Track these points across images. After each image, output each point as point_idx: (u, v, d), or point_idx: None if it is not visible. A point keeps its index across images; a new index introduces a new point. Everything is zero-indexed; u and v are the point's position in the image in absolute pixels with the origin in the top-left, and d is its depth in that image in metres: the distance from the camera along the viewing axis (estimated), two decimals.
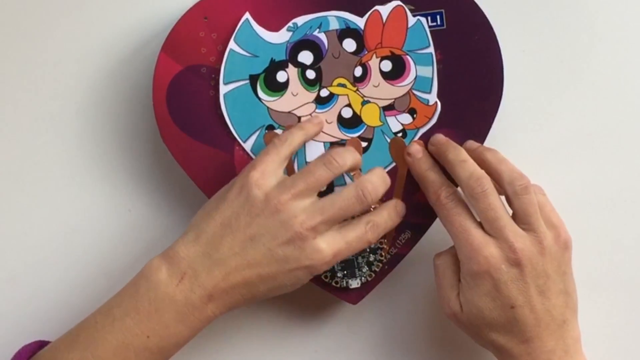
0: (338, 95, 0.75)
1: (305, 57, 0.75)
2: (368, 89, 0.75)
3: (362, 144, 0.75)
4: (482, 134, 0.75)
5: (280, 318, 0.80)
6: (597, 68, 0.78)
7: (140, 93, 0.78)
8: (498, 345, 0.69)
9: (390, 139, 0.75)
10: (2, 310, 0.80)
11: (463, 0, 0.74)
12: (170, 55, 0.74)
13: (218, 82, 0.74)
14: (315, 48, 0.75)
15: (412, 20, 0.74)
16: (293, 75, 0.75)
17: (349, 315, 0.80)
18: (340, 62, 0.75)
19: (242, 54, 0.74)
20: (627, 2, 0.79)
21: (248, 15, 0.74)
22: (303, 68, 0.75)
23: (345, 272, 0.76)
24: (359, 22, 0.74)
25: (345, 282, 0.76)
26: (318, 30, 0.74)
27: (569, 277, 0.70)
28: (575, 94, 0.79)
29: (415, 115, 0.75)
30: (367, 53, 0.75)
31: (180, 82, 0.74)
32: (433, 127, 0.75)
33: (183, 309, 0.67)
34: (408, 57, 0.75)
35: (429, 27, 0.74)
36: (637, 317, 0.80)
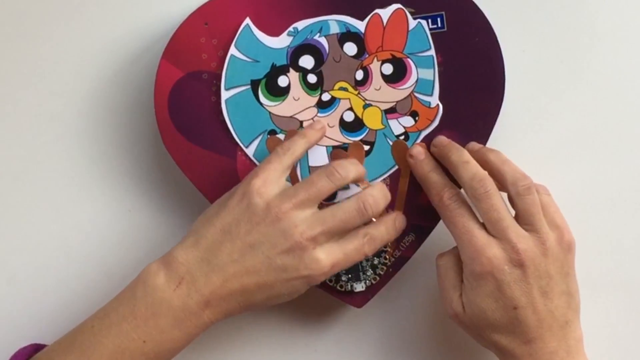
0: (340, 99, 0.75)
1: (306, 61, 0.75)
2: (369, 93, 0.75)
3: (364, 147, 0.75)
4: (484, 135, 0.75)
5: (285, 322, 0.80)
6: (597, 68, 0.78)
7: (142, 98, 0.78)
8: (500, 346, 0.69)
9: (393, 142, 0.75)
10: None
11: (463, 2, 0.74)
12: (171, 62, 0.74)
13: (219, 87, 0.74)
14: (316, 52, 0.75)
15: (412, 23, 0.74)
16: (294, 80, 0.75)
17: (353, 319, 0.80)
18: (342, 66, 0.75)
19: (243, 60, 0.74)
20: (627, 2, 0.78)
21: (248, 21, 0.74)
22: (304, 72, 0.75)
23: (350, 275, 0.76)
24: (360, 25, 0.74)
25: (350, 285, 0.76)
26: (319, 35, 0.75)
27: (572, 278, 0.70)
28: (576, 94, 0.79)
29: (417, 118, 0.75)
30: (368, 56, 0.75)
31: (182, 88, 0.74)
32: (435, 129, 0.75)
33: (180, 314, 0.67)
34: (409, 60, 0.75)
35: (430, 29, 0.74)
36: (637, 317, 0.79)
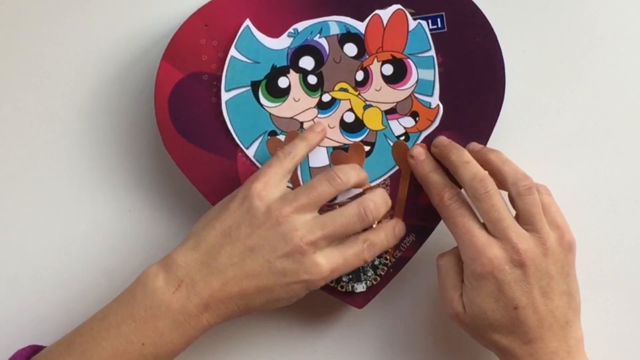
0: (340, 100, 0.75)
1: (307, 62, 0.75)
2: (370, 93, 0.75)
3: (364, 148, 0.75)
4: (484, 136, 0.75)
5: (285, 322, 0.80)
6: (597, 68, 0.78)
7: (142, 99, 0.78)
8: (501, 346, 0.69)
9: (393, 143, 0.75)
10: None
11: (463, 3, 0.74)
12: (172, 63, 0.74)
13: (220, 89, 0.74)
14: (317, 53, 0.75)
15: (412, 24, 0.74)
16: (295, 81, 0.75)
17: (354, 319, 0.80)
18: (342, 66, 0.75)
19: (243, 61, 0.74)
20: (627, 2, 0.78)
21: (248, 22, 0.74)
22: (304, 73, 0.75)
23: (351, 276, 0.76)
24: (360, 26, 0.74)
25: (351, 286, 0.76)
26: (319, 36, 0.75)
27: (572, 278, 0.70)
28: (576, 94, 0.79)
29: (418, 118, 0.75)
30: (368, 57, 0.75)
31: (182, 89, 0.74)
32: (435, 129, 0.75)
33: (179, 317, 0.67)
34: (409, 60, 0.75)
35: (430, 30, 0.74)
36: (637, 317, 0.79)
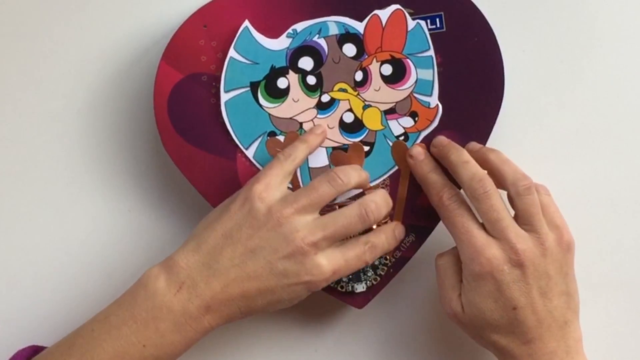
0: (339, 100, 0.75)
1: (306, 63, 0.75)
2: (369, 93, 0.75)
3: (364, 148, 0.75)
4: (484, 135, 0.75)
5: (286, 322, 0.80)
6: (597, 68, 0.78)
7: (141, 100, 0.78)
8: (499, 347, 0.69)
9: (392, 143, 0.75)
10: None
11: (462, 3, 0.74)
12: (171, 64, 0.74)
13: (219, 89, 0.74)
14: (316, 54, 0.75)
15: (411, 24, 0.74)
16: (294, 82, 0.75)
17: (354, 319, 0.80)
18: (341, 67, 0.75)
19: (242, 62, 0.74)
20: (627, 2, 0.78)
21: (247, 23, 0.74)
22: (303, 74, 0.75)
23: (351, 276, 0.76)
24: (359, 26, 0.74)
25: (351, 286, 0.76)
26: (318, 36, 0.75)
27: (571, 278, 0.70)
28: (575, 94, 0.78)
29: (417, 118, 0.75)
30: (367, 57, 0.75)
31: (181, 90, 0.74)
32: (435, 129, 0.75)
33: (180, 319, 0.67)
34: (408, 60, 0.75)
35: (429, 30, 0.74)
36: (637, 317, 0.79)
